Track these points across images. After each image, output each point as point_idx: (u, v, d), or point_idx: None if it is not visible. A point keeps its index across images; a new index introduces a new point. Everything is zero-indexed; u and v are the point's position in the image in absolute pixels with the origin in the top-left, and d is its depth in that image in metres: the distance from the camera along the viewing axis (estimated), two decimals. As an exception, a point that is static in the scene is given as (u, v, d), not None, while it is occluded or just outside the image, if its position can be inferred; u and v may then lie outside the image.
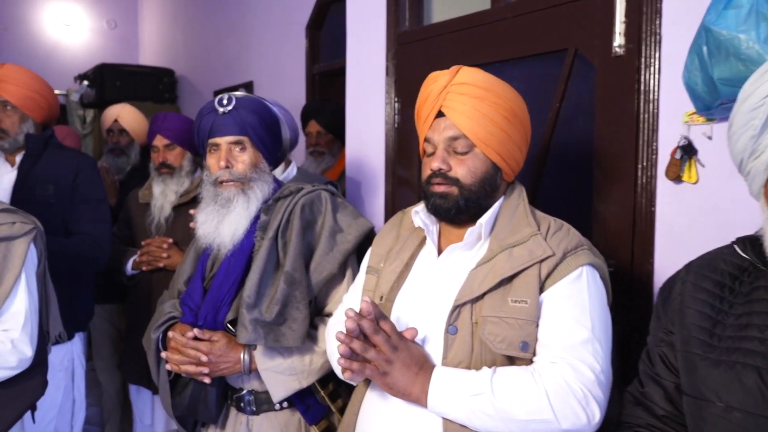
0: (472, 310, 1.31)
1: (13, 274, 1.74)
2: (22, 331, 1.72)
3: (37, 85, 2.55)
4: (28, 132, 2.53)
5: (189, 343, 1.68)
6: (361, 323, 1.26)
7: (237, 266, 1.74)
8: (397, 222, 1.61)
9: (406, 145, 2.37)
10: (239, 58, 4.67)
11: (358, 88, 2.61)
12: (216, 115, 1.77)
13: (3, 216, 1.79)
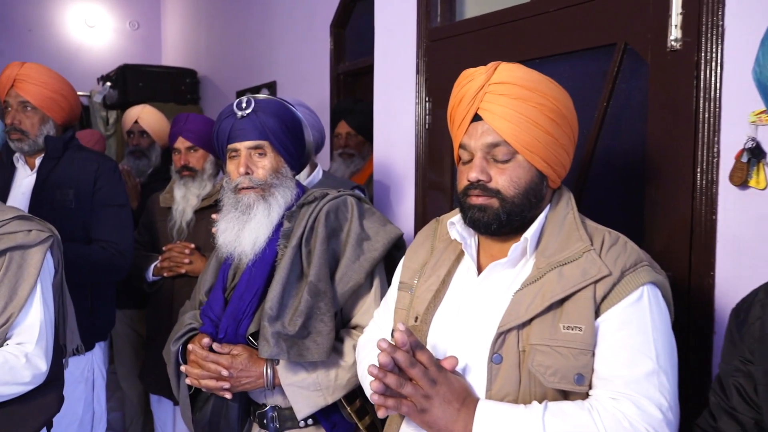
0: (519, 337, 1.18)
1: (29, 284, 1.66)
2: (37, 345, 1.64)
3: (59, 85, 2.48)
4: (48, 134, 2.46)
5: (209, 357, 1.59)
6: (395, 356, 1.14)
7: (259, 276, 1.65)
8: (431, 232, 1.49)
9: (438, 147, 2.26)
10: (262, 57, 4.59)
11: (386, 87, 2.49)
12: (235, 119, 1.68)
13: (18, 223, 1.71)
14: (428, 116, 2.29)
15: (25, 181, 2.47)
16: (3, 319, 1.62)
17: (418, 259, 1.45)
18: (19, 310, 1.64)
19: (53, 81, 2.47)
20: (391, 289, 1.53)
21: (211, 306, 1.70)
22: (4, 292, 1.63)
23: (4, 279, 1.64)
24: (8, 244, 1.67)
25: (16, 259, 1.67)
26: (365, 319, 1.67)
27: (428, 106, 2.29)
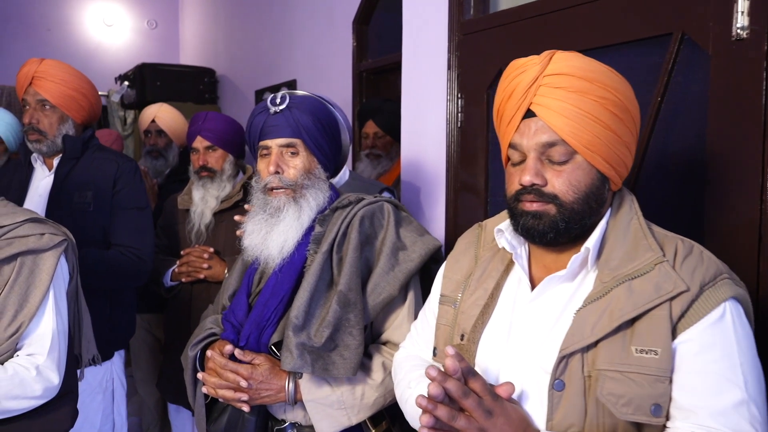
0: (584, 361, 1.06)
1: (41, 291, 1.57)
2: (49, 356, 1.55)
3: (78, 83, 2.39)
4: (66, 133, 2.38)
5: (228, 365, 1.50)
6: (446, 386, 1.02)
7: (285, 282, 1.55)
8: (474, 239, 1.37)
9: (471, 146, 2.14)
10: (282, 56, 4.50)
11: (415, 83, 2.38)
12: (268, 114, 1.60)
13: (31, 226, 1.62)
14: (460, 114, 2.17)
15: (43, 182, 2.39)
16: (13, 328, 1.53)
17: (461, 270, 1.33)
18: (30, 318, 1.55)
19: (73, 78, 2.39)
20: (431, 301, 1.42)
21: (234, 311, 1.61)
22: (14, 300, 1.55)
23: (14, 285, 1.56)
24: (19, 249, 1.58)
25: (28, 264, 1.59)
26: (397, 335, 1.57)
27: (461, 103, 2.17)
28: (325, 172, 1.66)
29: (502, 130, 1.21)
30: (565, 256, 1.16)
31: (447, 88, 2.21)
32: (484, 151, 2.09)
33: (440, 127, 2.24)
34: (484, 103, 2.08)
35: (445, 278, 1.37)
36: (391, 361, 1.54)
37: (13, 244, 1.60)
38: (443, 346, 1.29)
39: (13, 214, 1.66)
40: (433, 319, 1.39)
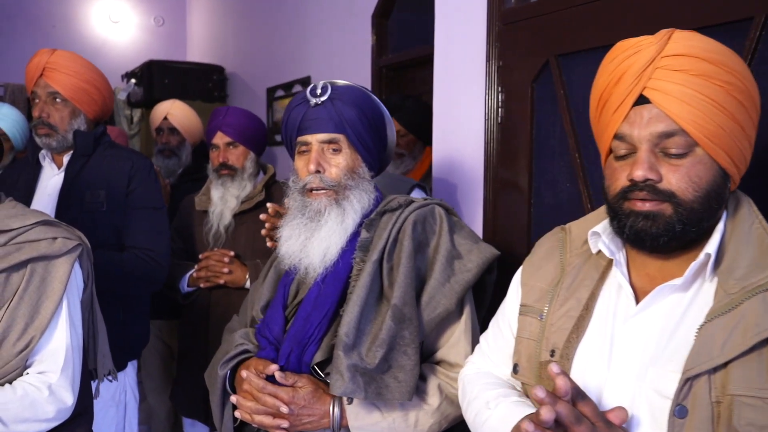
0: (711, 384, 0.92)
1: (53, 301, 1.43)
2: (62, 375, 1.41)
3: (91, 75, 2.25)
4: (78, 129, 2.24)
5: (267, 388, 1.35)
6: (557, 409, 0.89)
7: (330, 295, 1.40)
8: (557, 244, 1.23)
9: (512, 144, 2.00)
10: (295, 52, 4.35)
11: (448, 77, 2.24)
12: (307, 107, 1.45)
13: (42, 230, 1.48)
14: (500, 109, 2.03)
15: (52, 180, 2.25)
16: (23, 343, 1.39)
17: (545, 277, 1.19)
18: (41, 332, 1.41)
19: (86, 70, 2.25)
20: (505, 312, 1.28)
21: (269, 325, 1.46)
22: (24, 311, 1.40)
23: (24, 295, 1.41)
24: (30, 254, 1.44)
25: (39, 271, 1.44)
26: (453, 354, 1.42)
27: (501, 97, 2.03)
28: (370, 172, 1.52)
29: (606, 119, 1.07)
30: (673, 263, 1.03)
31: (485, 82, 2.07)
32: (527, 148, 1.95)
33: (477, 123, 2.10)
34: (527, 98, 1.94)
35: (525, 286, 1.23)
36: (447, 384, 1.40)
37: (22, 250, 1.45)
38: (527, 362, 1.16)
39: (22, 216, 1.52)
40: (508, 332, 1.26)
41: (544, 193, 1.92)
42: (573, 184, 1.82)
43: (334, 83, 1.49)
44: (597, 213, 1.20)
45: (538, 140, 1.93)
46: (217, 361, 1.52)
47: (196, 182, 3.31)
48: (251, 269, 2.28)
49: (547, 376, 1.09)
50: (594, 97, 1.10)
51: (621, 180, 1.03)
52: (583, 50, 1.79)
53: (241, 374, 1.40)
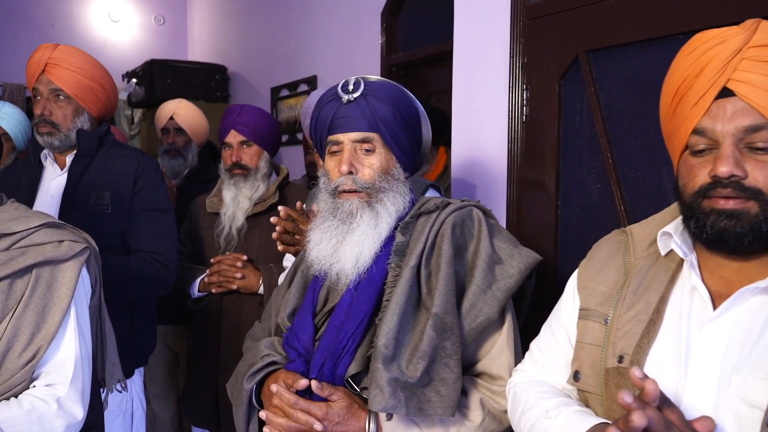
0: None
1: (60, 309, 1.34)
2: (71, 387, 1.32)
3: (96, 72, 2.16)
4: (81, 127, 2.15)
5: (299, 404, 1.26)
6: (650, 414, 0.83)
7: (365, 302, 1.32)
8: (618, 245, 1.17)
9: (538, 143, 1.92)
10: (301, 50, 4.27)
11: (469, 74, 2.16)
12: (339, 104, 1.37)
13: (48, 232, 1.39)
14: (526, 107, 1.95)
15: (55, 182, 2.16)
16: (29, 354, 1.30)
17: (607, 280, 1.13)
18: (48, 342, 1.32)
19: (90, 67, 2.16)
20: (561, 317, 1.21)
21: (298, 335, 1.37)
22: (30, 320, 1.32)
23: (29, 303, 1.32)
24: (35, 259, 1.35)
25: (45, 277, 1.36)
26: (496, 366, 1.33)
27: (526, 95, 1.95)
28: (405, 173, 1.44)
29: (683, 113, 1.00)
30: (753, 265, 0.96)
31: (509, 79, 1.99)
32: (554, 148, 1.87)
33: (500, 121, 2.02)
34: (555, 95, 1.86)
35: (584, 290, 1.16)
36: (490, 398, 1.32)
37: (27, 254, 1.36)
38: (590, 369, 1.09)
39: (26, 219, 1.43)
40: (564, 338, 1.19)
41: (573, 194, 1.84)
42: (604, 184, 1.74)
43: (366, 79, 1.41)
44: (662, 214, 1.14)
45: (565, 139, 1.85)
46: (241, 373, 1.43)
47: (202, 184, 3.23)
48: (265, 274, 2.20)
49: (614, 384, 1.03)
50: (668, 91, 1.03)
51: (700, 177, 0.97)
52: (615, 46, 1.71)
53: (270, 388, 1.31)
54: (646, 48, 1.63)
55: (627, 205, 1.68)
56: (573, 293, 1.19)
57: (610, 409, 1.04)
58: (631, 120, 1.68)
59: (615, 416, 1.02)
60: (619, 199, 1.69)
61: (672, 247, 1.04)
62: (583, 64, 1.78)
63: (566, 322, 1.19)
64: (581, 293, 1.16)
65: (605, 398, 1.05)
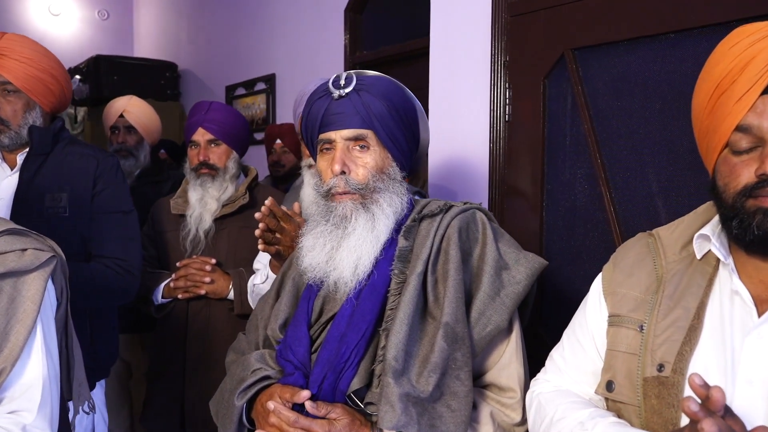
0: None
1: (25, 326, 1.20)
2: (39, 413, 1.18)
3: (48, 63, 2.00)
4: (33, 123, 1.99)
5: (300, 421, 1.17)
6: (718, 424, 0.78)
7: (368, 312, 1.24)
8: (646, 249, 1.12)
9: (522, 143, 1.88)
10: (258, 47, 4.15)
11: (446, 73, 2.11)
12: (330, 100, 1.29)
13: (9, 240, 1.25)
14: (509, 106, 1.91)
15: (4, 183, 1.99)
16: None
17: (638, 285, 1.08)
18: (12, 363, 1.17)
19: (41, 57, 1.99)
20: (587, 324, 1.16)
21: (292, 347, 1.27)
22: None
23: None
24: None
25: (7, 290, 1.21)
26: (505, 377, 1.27)
27: (509, 94, 1.91)
28: (401, 172, 1.37)
29: (724, 109, 0.96)
30: None
31: (490, 78, 1.95)
32: (539, 148, 1.84)
33: (481, 122, 1.98)
34: (539, 94, 1.83)
35: (613, 295, 1.11)
36: (500, 411, 1.26)
37: None
38: (625, 379, 1.04)
39: None
40: (591, 346, 1.14)
41: (558, 195, 1.81)
42: (592, 185, 1.72)
43: (360, 73, 1.33)
44: (691, 217, 1.10)
45: (550, 139, 1.82)
46: (228, 389, 1.33)
47: (155, 185, 3.07)
48: (235, 278, 2.09)
49: (655, 394, 0.99)
50: (706, 87, 0.99)
51: (744, 176, 0.93)
52: (603, 44, 1.69)
53: (266, 405, 1.21)
54: (636, 46, 1.62)
55: (616, 206, 1.66)
56: (598, 299, 1.15)
57: (650, 420, 1.00)
58: (620, 120, 1.67)
59: (654, 428, 0.98)
60: (609, 200, 1.67)
61: (711, 250, 1.01)
62: (569, 63, 1.75)
63: (593, 329, 1.14)
64: (609, 299, 1.12)
65: (644, 409, 1.01)
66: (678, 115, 1.55)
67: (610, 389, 1.07)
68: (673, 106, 1.56)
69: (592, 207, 1.72)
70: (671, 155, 1.57)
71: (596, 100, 1.71)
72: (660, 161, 1.59)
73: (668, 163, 1.57)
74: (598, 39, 1.69)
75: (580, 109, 1.73)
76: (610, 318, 1.10)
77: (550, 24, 1.80)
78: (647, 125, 1.62)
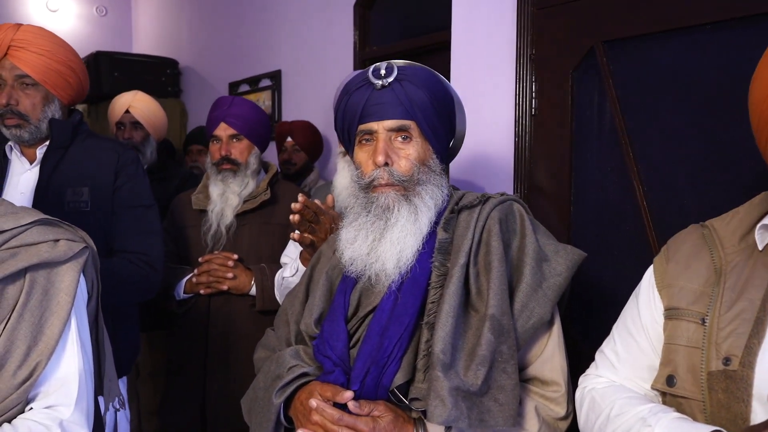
0: None
1: (60, 318, 1.18)
2: (76, 408, 1.16)
3: (66, 54, 1.97)
4: (53, 117, 1.96)
5: (344, 420, 1.15)
6: None
7: (411, 305, 1.22)
8: (703, 241, 1.11)
9: (548, 139, 1.88)
10: (262, 43, 4.11)
11: (468, 67, 2.10)
12: (371, 90, 1.28)
13: (40, 230, 1.23)
14: (534, 100, 1.91)
15: (24, 177, 1.96)
16: (25, 371, 1.13)
17: (696, 277, 1.07)
18: (48, 357, 1.15)
19: (59, 48, 1.97)
20: (640, 317, 1.15)
21: (329, 342, 1.26)
22: (25, 332, 1.15)
23: (24, 312, 1.15)
24: (29, 261, 1.18)
25: (41, 282, 1.19)
26: (548, 370, 1.26)
27: (535, 87, 1.90)
28: (441, 164, 1.36)
29: None
30: None
31: (515, 71, 1.94)
32: (567, 142, 1.83)
33: (505, 117, 1.97)
34: (567, 87, 1.82)
35: (669, 288, 1.10)
36: (544, 405, 1.25)
37: (18, 256, 1.18)
38: (688, 373, 1.03)
39: (14, 215, 1.26)
40: (645, 341, 1.13)
41: (587, 190, 1.80)
42: (624, 179, 1.71)
43: (399, 63, 1.32)
44: (746, 208, 1.10)
45: (579, 133, 1.82)
46: (262, 387, 1.30)
47: (162, 182, 3.05)
48: (257, 274, 2.07)
49: (722, 388, 0.98)
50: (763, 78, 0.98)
51: None
52: (634, 36, 1.68)
53: (308, 403, 1.19)
54: (671, 38, 1.61)
55: (650, 199, 1.66)
56: (651, 292, 1.14)
57: (716, 415, 0.99)
58: (652, 113, 1.66)
59: (720, 423, 0.97)
60: (641, 194, 1.66)
61: None
62: (599, 56, 1.75)
63: (646, 323, 1.14)
64: (665, 292, 1.11)
65: (709, 404, 0.99)
66: (715, 108, 1.54)
67: (671, 384, 1.06)
68: (710, 99, 1.55)
69: (623, 201, 1.72)
70: (707, 149, 1.56)
71: (627, 93, 1.71)
72: (695, 155, 1.59)
73: (703, 156, 1.57)
74: (630, 31, 1.68)
75: (611, 102, 1.73)
76: (668, 311, 1.09)
77: (579, 16, 1.79)
78: (681, 118, 1.61)
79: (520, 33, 1.92)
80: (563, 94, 1.83)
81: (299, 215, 1.56)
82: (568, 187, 1.83)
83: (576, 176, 1.82)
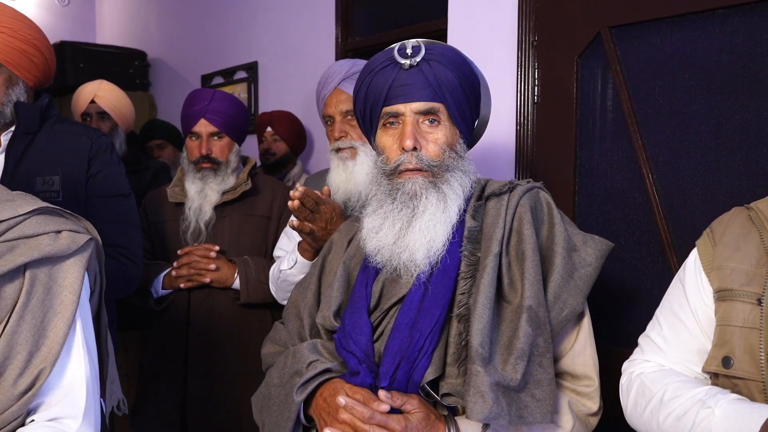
0: None
1: (64, 320, 1.05)
2: (84, 421, 1.04)
3: (30, 33, 1.82)
4: (18, 100, 1.81)
5: (375, 418, 1.06)
6: None
7: (441, 297, 1.14)
8: (750, 222, 1.08)
9: (552, 126, 1.81)
10: (237, 33, 3.98)
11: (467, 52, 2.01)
12: (398, 70, 1.19)
13: (40, 221, 1.09)
14: (537, 87, 1.83)
15: (-12, 164, 1.80)
16: (27, 380, 1.01)
17: (747, 258, 1.04)
18: (52, 363, 1.03)
19: (22, 26, 1.82)
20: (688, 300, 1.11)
21: (352, 336, 1.16)
22: (26, 336, 1.02)
23: (24, 314, 1.03)
24: (29, 256, 1.04)
25: (42, 279, 1.06)
26: (580, 364, 1.19)
27: (537, 74, 1.83)
28: (467, 149, 1.28)
29: None
30: None
31: (517, 57, 1.87)
32: (571, 130, 1.76)
33: (506, 104, 1.90)
34: (572, 74, 1.76)
35: (720, 270, 1.07)
36: (577, 400, 1.18)
37: (16, 250, 1.05)
38: (745, 354, 1.01)
39: (10, 203, 1.11)
40: (694, 323, 1.10)
41: (593, 178, 1.74)
42: (632, 167, 1.65)
43: (426, 42, 1.23)
44: None
45: (584, 120, 1.75)
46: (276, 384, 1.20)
47: (134, 174, 2.89)
48: (240, 266, 1.95)
49: None
50: None
51: None
52: (642, 22, 1.62)
53: (336, 401, 1.10)
54: (682, 23, 1.56)
55: (659, 187, 1.60)
56: (698, 276, 1.11)
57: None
58: (662, 100, 1.61)
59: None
60: (650, 182, 1.60)
61: None
62: (606, 41, 1.68)
63: (694, 306, 1.10)
64: (714, 274, 1.07)
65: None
66: (727, 94, 1.49)
67: (727, 365, 1.02)
68: (721, 84, 1.50)
69: (631, 190, 1.66)
70: (718, 135, 1.51)
71: (635, 79, 1.65)
72: (706, 141, 1.53)
73: (716, 143, 1.52)
74: (638, 16, 1.63)
75: (619, 89, 1.66)
76: (719, 293, 1.06)
77: (584, 2, 1.72)
78: (692, 105, 1.56)
79: (522, 19, 1.85)
80: (567, 81, 1.77)
81: (299, 201, 1.45)
82: (573, 175, 1.76)
83: (580, 164, 1.76)
